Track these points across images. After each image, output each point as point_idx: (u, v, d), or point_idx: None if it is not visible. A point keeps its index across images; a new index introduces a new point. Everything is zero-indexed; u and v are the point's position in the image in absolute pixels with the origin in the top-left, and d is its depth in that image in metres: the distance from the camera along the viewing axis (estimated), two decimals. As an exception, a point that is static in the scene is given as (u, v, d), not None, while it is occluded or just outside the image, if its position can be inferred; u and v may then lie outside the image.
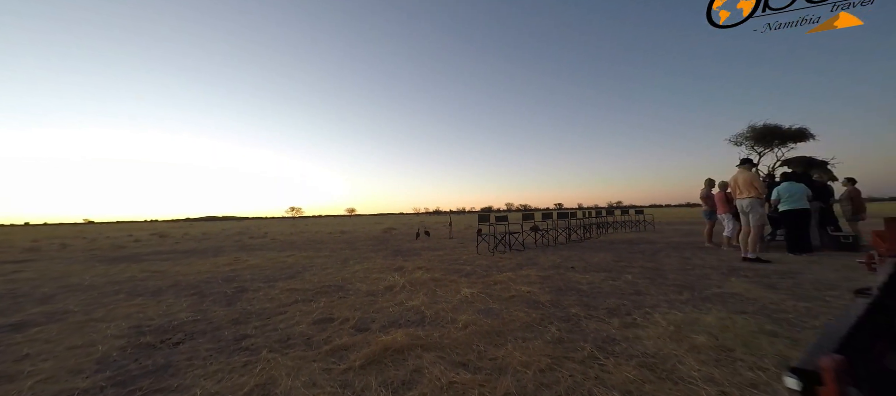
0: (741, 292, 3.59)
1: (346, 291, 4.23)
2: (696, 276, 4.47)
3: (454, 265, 5.94)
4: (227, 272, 6.08)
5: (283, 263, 6.98)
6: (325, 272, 5.75)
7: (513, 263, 5.99)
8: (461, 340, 2.49)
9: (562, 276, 4.71)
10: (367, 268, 5.92)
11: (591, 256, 6.58)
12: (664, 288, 3.85)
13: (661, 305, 3.21)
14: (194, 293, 4.38)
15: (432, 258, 6.95)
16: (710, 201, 7.50)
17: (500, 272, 5.09)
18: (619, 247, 7.90)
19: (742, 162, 5.73)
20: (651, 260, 5.85)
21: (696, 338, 2.36)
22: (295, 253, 8.68)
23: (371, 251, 8.66)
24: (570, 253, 7.04)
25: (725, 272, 4.69)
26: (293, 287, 4.47)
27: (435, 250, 8.65)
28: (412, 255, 7.66)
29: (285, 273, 5.71)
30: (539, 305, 3.34)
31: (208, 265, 6.95)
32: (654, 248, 7.53)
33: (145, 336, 2.82)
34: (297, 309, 3.44)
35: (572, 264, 5.73)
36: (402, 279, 4.74)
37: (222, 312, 3.47)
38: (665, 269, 5.02)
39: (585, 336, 2.51)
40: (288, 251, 9.47)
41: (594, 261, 5.95)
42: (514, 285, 4.18)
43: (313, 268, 6.17)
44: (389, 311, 3.29)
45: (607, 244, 8.51)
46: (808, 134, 20.98)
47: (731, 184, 5.85)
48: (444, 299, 3.68)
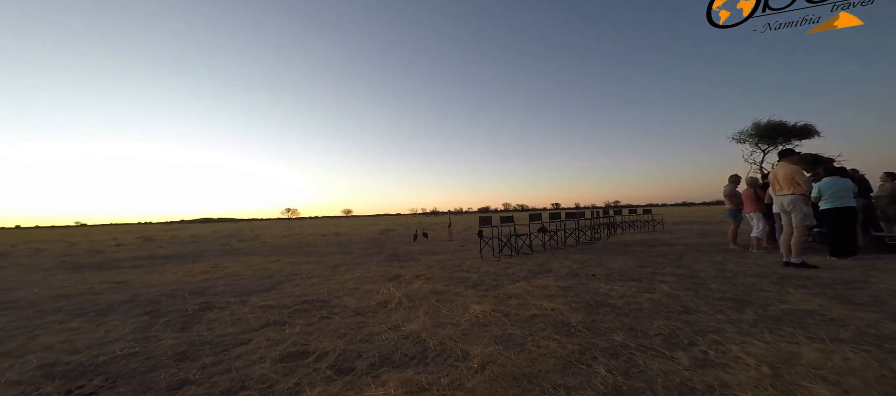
0: (816, 308, 2.91)
1: (331, 308, 3.52)
2: (744, 286, 3.80)
3: (457, 273, 5.24)
4: (199, 282, 5.34)
5: (266, 270, 6.24)
6: (311, 282, 5.03)
7: (524, 270, 5.30)
8: (481, 391, 1.79)
9: (585, 286, 4.03)
10: (358, 277, 5.20)
11: (610, 260, 5.91)
12: (715, 304, 3.18)
13: (726, 329, 2.54)
14: (148, 312, 3.65)
15: (432, 264, 6.25)
16: (735, 199, 6.86)
17: (512, 282, 4.40)
18: (635, 249, 7.24)
19: (782, 154, 5.07)
20: (679, 265, 5.19)
21: (812, 388, 1.67)
22: (281, 259, 7.94)
23: (365, 256, 7.94)
24: (585, 257, 6.37)
25: (775, 280, 4.03)
26: (268, 303, 3.74)
27: (434, 254, 7.95)
28: (410, 260, 6.96)
29: (264, 284, 4.98)
30: (571, 329, 2.65)
31: (181, 274, 6.20)
32: (674, 250, 6.88)
33: (50, 383, 2.09)
34: (266, 337, 2.72)
35: (592, 270, 5.05)
36: (399, 291, 4.04)
37: (171, 340, 2.75)
38: (701, 277, 4.36)
39: (651, 383, 1.81)
40: (275, 255, 8.73)
41: (615, 267, 5.28)
42: (533, 299, 3.49)
43: (298, 277, 5.44)
44: (381, 339, 2.59)
45: (622, 247, 7.85)
46: (814, 131, 20.49)
47: (771, 179, 5.20)
48: (449, 319, 2.98)
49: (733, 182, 6.95)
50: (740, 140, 22.90)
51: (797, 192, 4.83)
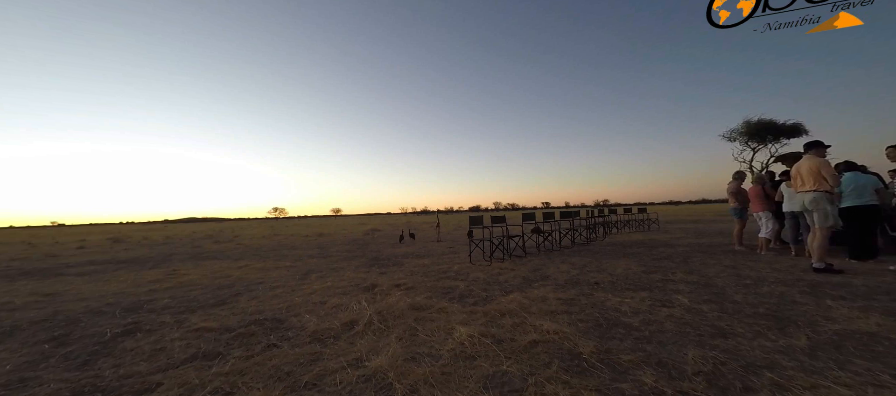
0: (876, 330, 2.38)
1: (284, 332, 2.86)
2: (774, 298, 3.27)
3: (443, 281, 4.62)
4: (142, 293, 4.60)
5: (227, 278, 5.51)
6: (273, 293, 4.34)
7: (517, 276, 4.71)
8: None
9: (590, 298, 3.45)
10: (329, 287, 4.54)
11: (611, 264, 5.36)
12: (750, 322, 2.63)
13: (781, 362, 1.97)
14: (55, 337, 2.92)
15: (416, 270, 5.61)
16: (740, 197, 6.40)
17: (505, 293, 3.80)
18: (636, 251, 6.73)
19: (808, 146, 4.58)
20: (689, 270, 4.67)
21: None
22: (251, 263, 7.20)
23: (343, 260, 7.25)
24: (583, 260, 5.82)
25: (805, 289, 3.52)
26: (208, 325, 3.05)
27: (420, 256, 7.32)
28: (392, 265, 6.31)
29: (218, 296, 4.28)
30: (583, 363, 2.05)
31: (128, 283, 5.43)
32: (677, 252, 6.39)
33: None
34: (181, 380, 2.05)
35: (593, 277, 4.49)
36: (372, 307, 3.39)
37: (54, 384, 2.06)
38: (719, 284, 3.83)
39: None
40: (245, 259, 7.97)
41: (618, 273, 4.73)
42: (531, 317, 2.89)
43: (260, 287, 4.75)
44: (334, 383, 1.95)
45: (620, 248, 7.35)
46: (803, 129, 20.54)
47: (793, 173, 4.72)
48: (428, 349, 2.36)
49: (738, 179, 6.49)
50: (730, 138, 22.89)
51: (821, 188, 4.35)
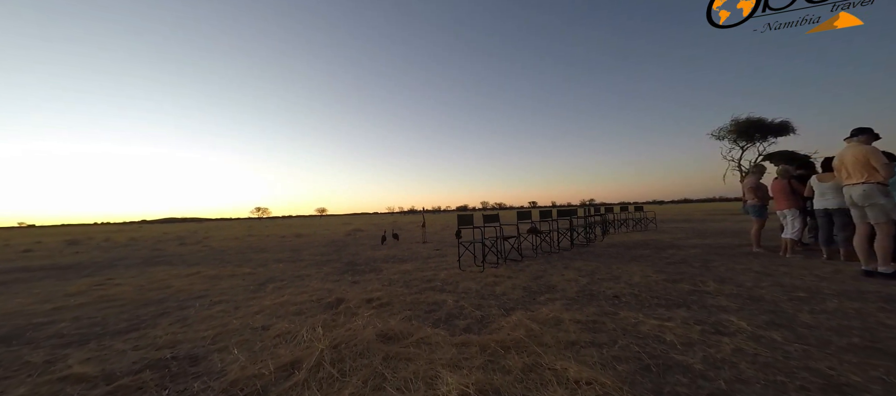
0: None
1: (190, 380, 1.95)
2: (853, 319, 2.54)
3: (426, 293, 3.77)
4: (44, 312, 3.59)
5: (163, 291, 4.52)
6: (209, 312, 3.41)
7: (517, 286, 3.90)
8: None
9: (616, 320, 2.66)
10: (283, 303, 3.62)
11: (622, 270, 4.61)
12: (855, 362, 1.87)
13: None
14: None
15: (395, 278, 4.74)
16: (760, 193, 5.76)
17: (505, 312, 2.98)
18: (643, 253, 6.02)
19: (855, 133, 3.91)
20: (718, 278, 3.95)
21: None
22: (204, 270, 6.19)
23: (313, 266, 6.31)
24: (589, 265, 5.05)
25: (881, 303, 2.81)
26: (84, 371, 2.12)
27: (402, 260, 6.44)
28: (368, 271, 5.41)
29: (135, 318, 3.32)
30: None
31: (40, 296, 4.38)
32: (690, 255, 5.70)
33: None
34: None
35: (608, 286, 3.71)
36: (329, 336, 2.51)
37: None
38: (769, 300, 3.10)
39: None
40: (202, 265, 6.93)
41: (635, 280, 3.97)
42: (546, 352, 2.07)
43: (197, 303, 3.80)
44: None
45: (625, 249, 6.64)
46: (791, 128, 20.51)
47: (835, 165, 4.05)
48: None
49: (757, 173, 5.86)
50: (719, 137, 22.76)
51: (872, 179, 3.69)
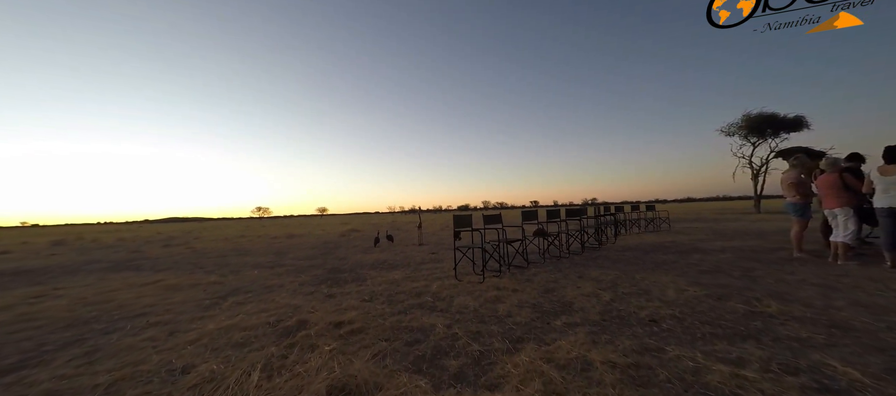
0: None
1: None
2: None
3: (412, 314, 3.03)
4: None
5: (103, 306, 3.80)
6: (134, 341, 2.69)
7: (525, 304, 3.16)
8: None
9: (665, 364, 1.93)
10: (229, 327, 2.89)
11: (650, 280, 3.87)
12: None
13: None
14: None
15: (378, 290, 4.01)
16: (803, 189, 5.00)
17: (512, 346, 2.25)
18: (666, 258, 5.27)
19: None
20: (773, 293, 3.20)
21: None
22: (168, 278, 5.46)
23: (291, 273, 5.58)
24: (607, 273, 4.31)
25: None
26: None
27: (392, 266, 5.71)
28: (350, 281, 4.68)
29: (41, 346, 2.60)
30: None
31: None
32: (720, 260, 4.95)
33: None
34: None
35: (641, 306, 2.97)
36: (263, 388, 1.79)
37: None
38: (858, 326, 2.36)
39: None
40: (169, 272, 6.21)
41: (670, 296, 3.23)
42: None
43: (132, 324, 3.08)
44: None
45: (643, 254, 5.88)
46: (805, 123, 19.62)
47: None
48: None
49: (799, 166, 5.09)
50: (729, 133, 21.90)
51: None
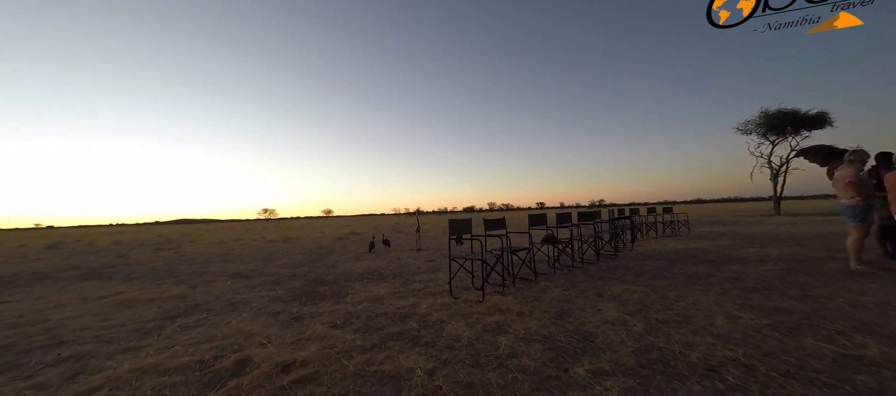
0: None
1: None
2: None
3: (385, 354, 2.35)
4: None
5: (27, 329, 3.17)
6: (26, 385, 2.04)
7: (534, 337, 2.46)
8: None
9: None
10: (150, 369, 2.23)
11: (685, 299, 3.14)
12: None
13: None
14: None
15: (356, 311, 3.33)
16: (865, 189, 4.22)
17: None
18: (696, 270, 4.52)
19: None
20: (848, 321, 2.46)
21: None
22: (128, 291, 4.85)
23: (269, 285, 4.93)
24: (631, 290, 3.58)
25: None
26: None
27: (382, 277, 5.03)
28: (329, 297, 4.01)
29: None
30: None
31: None
32: (765, 273, 4.20)
33: None
34: None
35: (687, 344, 2.25)
36: None
37: None
38: None
39: None
40: (137, 282, 5.61)
41: (719, 326, 2.51)
42: None
43: (44, 355, 2.44)
44: None
45: (666, 263, 5.13)
46: (828, 120, 18.59)
47: None
48: None
49: (858, 161, 4.31)
50: (746, 131, 20.92)
51: None
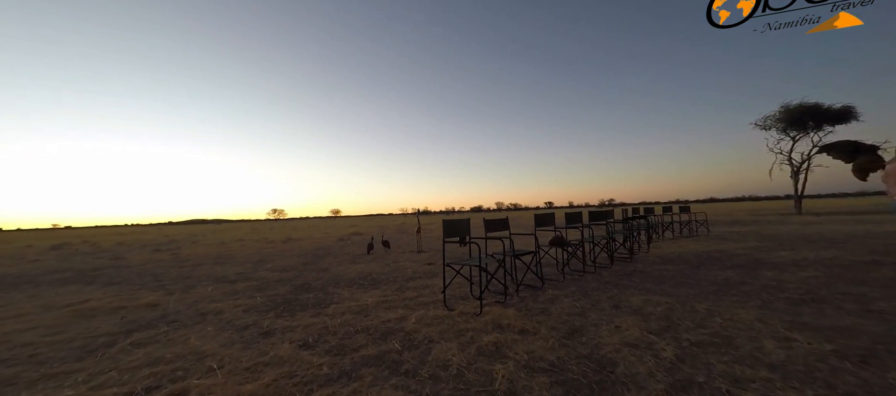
0: None
1: None
2: None
3: (360, 379, 1.89)
4: None
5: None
6: None
7: (541, 367, 1.99)
8: None
9: None
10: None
11: (718, 313, 2.63)
12: None
13: None
14: None
15: (333, 327, 2.88)
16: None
17: None
18: (724, 276, 3.99)
19: None
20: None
21: None
22: (96, 299, 4.51)
23: (250, 292, 4.53)
24: (653, 301, 3.08)
25: None
26: None
27: (374, 282, 4.60)
28: (310, 307, 3.58)
29: None
30: None
31: None
32: (809, 282, 3.65)
33: None
34: None
35: (732, 374, 1.76)
36: None
37: None
38: None
39: None
40: (114, 288, 5.27)
41: (771, 353, 2.01)
42: None
43: (-61, 389, 2.04)
44: None
45: (689, 269, 4.60)
46: (854, 114, 17.60)
47: None
48: None
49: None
50: (765, 126, 20.02)
51: None
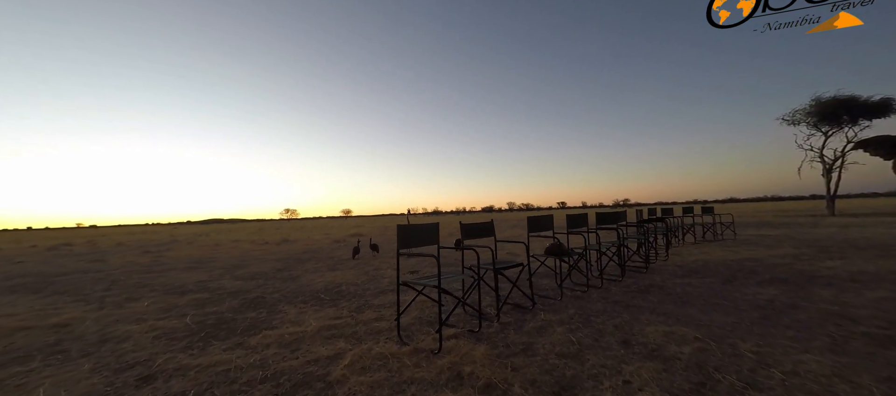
0: None
1: None
2: None
3: None
4: None
5: None
6: None
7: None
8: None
9: None
10: None
11: (770, 355, 1.83)
12: None
13: None
14: None
15: (248, 365, 2.18)
16: None
17: None
18: (765, 294, 3.14)
19: None
20: None
21: None
22: (15, 314, 3.93)
23: (192, 306, 3.89)
24: (676, 334, 2.29)
25: None
26: None
27: (334, 299, 3.90)
28: (238, 333, 2.90)
29: None
30: None
31: None
32: (880, 302, 2.79)
33: None
34: None
35: None
36: None
37: None
38: None
39: None
40: (58, 296, 4.72)
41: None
42: None
43: None
44: None
45: (718, 283, 3.75)
46: (894, 107, 16.08)
47: None
48: None
49: None
50: (793, 121, 18.60)
51: None
